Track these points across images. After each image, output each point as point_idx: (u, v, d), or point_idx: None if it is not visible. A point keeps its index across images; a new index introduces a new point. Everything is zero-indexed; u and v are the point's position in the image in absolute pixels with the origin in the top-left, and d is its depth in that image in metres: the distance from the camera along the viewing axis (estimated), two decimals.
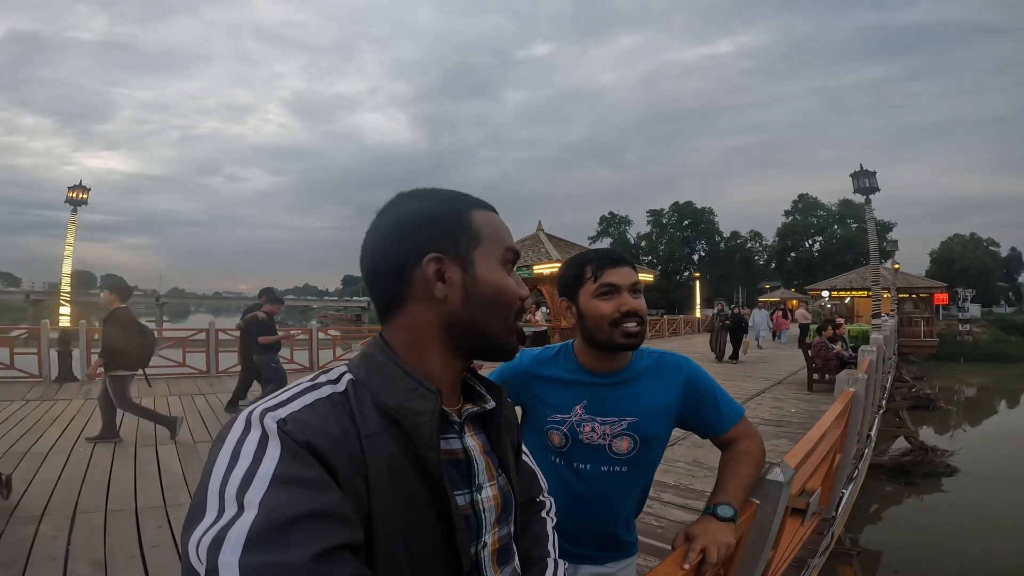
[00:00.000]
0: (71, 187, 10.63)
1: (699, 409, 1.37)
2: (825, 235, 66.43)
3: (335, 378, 0.66)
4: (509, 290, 0.72)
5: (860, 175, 13.16)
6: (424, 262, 0.68)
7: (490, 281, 0.71)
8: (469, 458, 0.71)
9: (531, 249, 14.90)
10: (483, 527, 0.70)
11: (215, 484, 0.51)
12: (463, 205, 0.73)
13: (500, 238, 0.74)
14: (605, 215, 76.88)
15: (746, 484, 1.29)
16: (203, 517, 0.50)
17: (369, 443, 0.59)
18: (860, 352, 6.44)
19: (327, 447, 0.55)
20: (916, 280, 26.82)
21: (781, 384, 9.58)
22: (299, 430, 0.55)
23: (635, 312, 1.28)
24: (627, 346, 1.30)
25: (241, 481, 0.51)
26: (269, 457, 0.52)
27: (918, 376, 19.44)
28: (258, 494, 0.49)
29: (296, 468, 0.52)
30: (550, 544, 0.90)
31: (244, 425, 0.56)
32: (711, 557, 1.10)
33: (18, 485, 3.92)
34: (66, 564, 2.81)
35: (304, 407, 0.59)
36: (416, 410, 0.63)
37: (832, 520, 3.36)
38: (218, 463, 0.53)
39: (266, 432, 0.54)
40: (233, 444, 0.54)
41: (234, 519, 0.48)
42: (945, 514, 8.19)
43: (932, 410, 15.26)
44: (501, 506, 0.74)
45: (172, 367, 10.25)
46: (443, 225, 0.70)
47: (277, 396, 0.61)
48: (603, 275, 1.30)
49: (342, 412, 0.60)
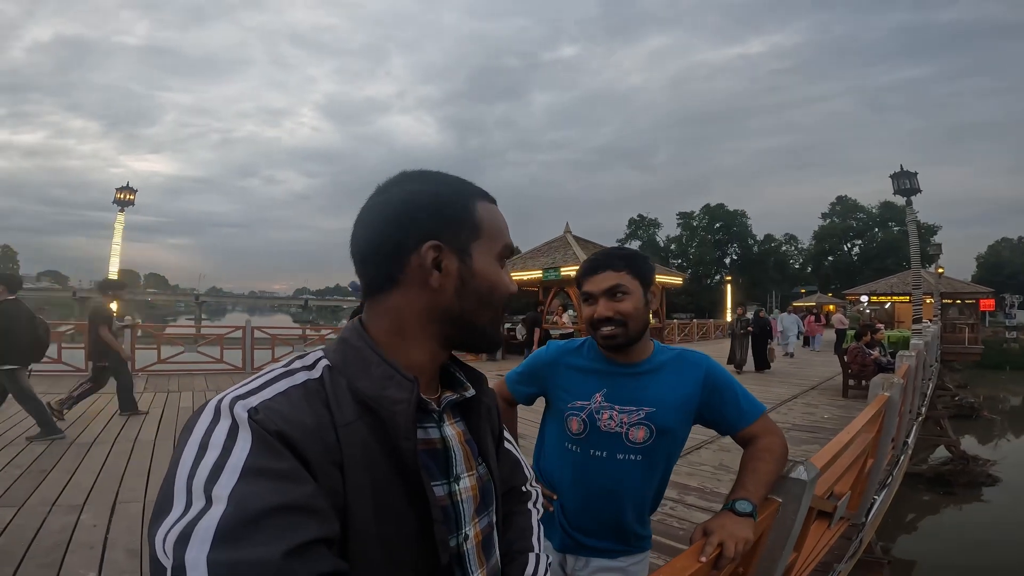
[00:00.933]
0: (119, 188, 11.06)
1: (719, 405, 1.38)
2: (865, 238, 64.61)
3: (310, 364, 0.64)
4: (502, 285, 0.72)
5: (901, 176, 12.73)
6: (423, 249, 0.66)
7: (486, 275, 0.70)
8: (447, 447, 0.69)
9: (559, 251, 14.86)
10: (462, 518, 0.69)
11: (182, 476, 0.49)
12: (468, 195, 0.71)
13: (500, 233, 0.73)
14: (634, 217, 76.26)
15: (766, 481, 1.29)
16: (170, 510, 0.48)
17: (345, 432, 0.57)
18: (898, 358, 6.25)
19: (300, 437, 0.53)
20: (961, 285, 25.83)
21: (815, 390, 9.34)
22: (271, 419, 0.52)
23: (606, 318, 1.35)
24: (607, 347, 1.39)
25: (209, 473, 0.48)
26: (239, 448, 0.50)
27: (961, 384, 18.75)
28: (227, 487, 0.47)
29: (267, 459, 0.50)
30: (534, 537, 0.87)
31: (213, 414, 0.54)
32: (728, 552, 1.11)
33: (63, 475, 4.11)
34: (104, 552, 2.90)
35: (277, 395, 0.56)
36: (392, 398, 0.61)
37: (862, 526, 3.28)
38: (185, 454, 0.51)
39: (236, 422, 0.52)
40: (201, 434, 0.52)
41: (202, 513, 0.46)
42: (983, 525, 7.89)
43: (975, 419, 14.72)
44: (480, 496, 0.72)
45: (210, 363, 10.62)
46: (447, 213, 0.68)
47: (248, 383, 0.58)
48: (584, 284, 1.40)
49: (316, 400, 0.58)
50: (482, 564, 0.72)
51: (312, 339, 13.28)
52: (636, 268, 1.37)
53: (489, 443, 0.77)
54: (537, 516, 0.93)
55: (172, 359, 10.40)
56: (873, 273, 45.71)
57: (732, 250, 71.80)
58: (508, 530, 0.84)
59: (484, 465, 0.75)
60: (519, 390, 1.54)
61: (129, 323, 8.23)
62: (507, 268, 0.76)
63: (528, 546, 0.85)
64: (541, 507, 0.96)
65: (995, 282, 43.20)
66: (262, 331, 11.33)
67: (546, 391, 1.50)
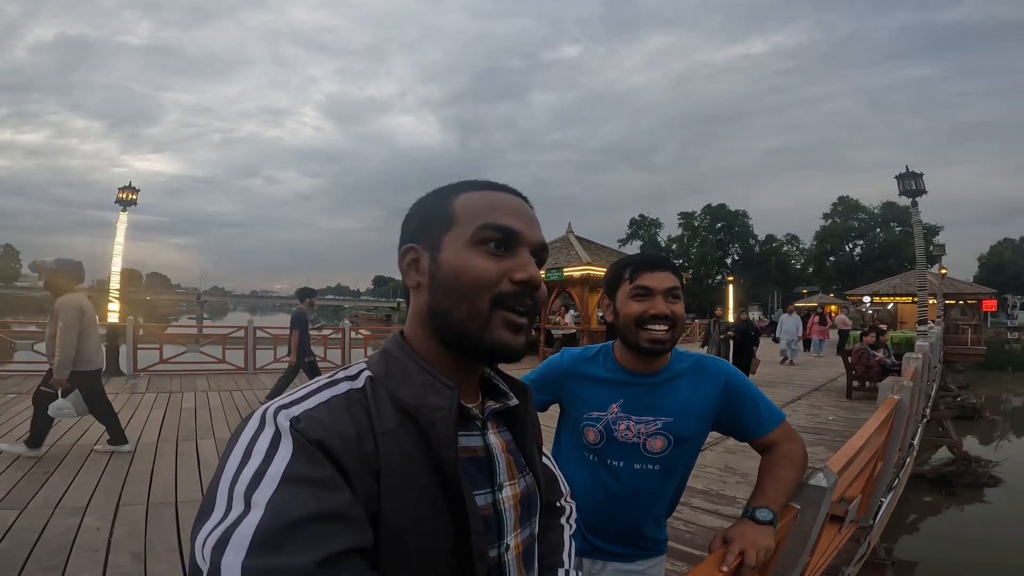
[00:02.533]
0: (121, 188, 11.00)
1: (738, 413, 1.36)
2: (867, 239, 64.52)
3: (354, 374, 0.65)
4: (470, 271, 0.64)
5: (906, 177, 12.70)
6: (399, 254, 0.70)
7: (450, 263, 0.65)
8: (490, 456, 0.68)
9: (560, 251, 14.83)
10: (504, 528, 0.67)
11: (225, 482, 0.51)
12: (448, 191, 0.70)
13: (475, 215, 0.66)
14: (635, 217, 76.18)
15: (787, 488, 1.27)
16: (211, 515, 0.49)
17: (384, 440, 0.57)
18: (905, 359, 6.23)
19: (339, 446, 0.54)
20: (963, 286, 25.73)
21: (818, 391, 9.33)
22: (311, 428, 0.54)
23: (664, 316, 1.28)
24: (651, 351, 1.30)
25: (251, 480, 0.50)
26: (280, 456, 0.51)
27: (964, 385, 18.65)
28: (266, 494, 0.48)
29: (306, 468, 0.51)
30: (565, 553, 0.86)
31: (259, 423, 0.55)
32: (750, 560, 1.09)
33: (65, 477, 4.09)
34: (107, 556, 2.88)
35: (319, 404, 0.57)
36: (433, 406, 0.61)
37: (869, 529, 3.26)
38: (230, 460, 0.52)
39: (279, 430, 0.53)
40: (247, 442, 0.53)
41: (240, 519, 0.47)
42: (985, 525, 7.87)
43: (977, 420, 14.67)
44: (524, 506, 0.71)
45: (212, 363, 10.62)
46: (422, 215, 0.70)
47: (293, 393, 0.60)
48: (639, 278, 1.32)
49: (358, 409, 0.59)
50: (523, 574, 0.71)
51: (314, 339, 13.24)
52: (682, 279, 1.37)
53: (534, 453, 0.76)
54: (569, 532, 0.91)
55: (174, 359, 10.39)
56: (875, 274, 45.66)
57: (734, 250, 71.74)
58: (540, 544, 0.83)
59: (531, 475, 0.74)
60: (534, 397, 1.51)
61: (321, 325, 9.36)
62: (517, 255, 0.67)
63: (558, 561, 0.84)
64: (575, 523, 0.95)
65: (997, 283, 43.13)
66: (264, 331, 11.30)
67: (561, 399, 1.47)
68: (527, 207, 0.72)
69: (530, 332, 0.69)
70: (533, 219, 0.71)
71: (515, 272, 0.65)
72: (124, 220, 11.02)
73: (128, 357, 9.75)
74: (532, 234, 0.69)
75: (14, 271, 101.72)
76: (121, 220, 11.00)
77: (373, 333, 14.60)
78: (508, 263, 0.66)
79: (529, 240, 0.68)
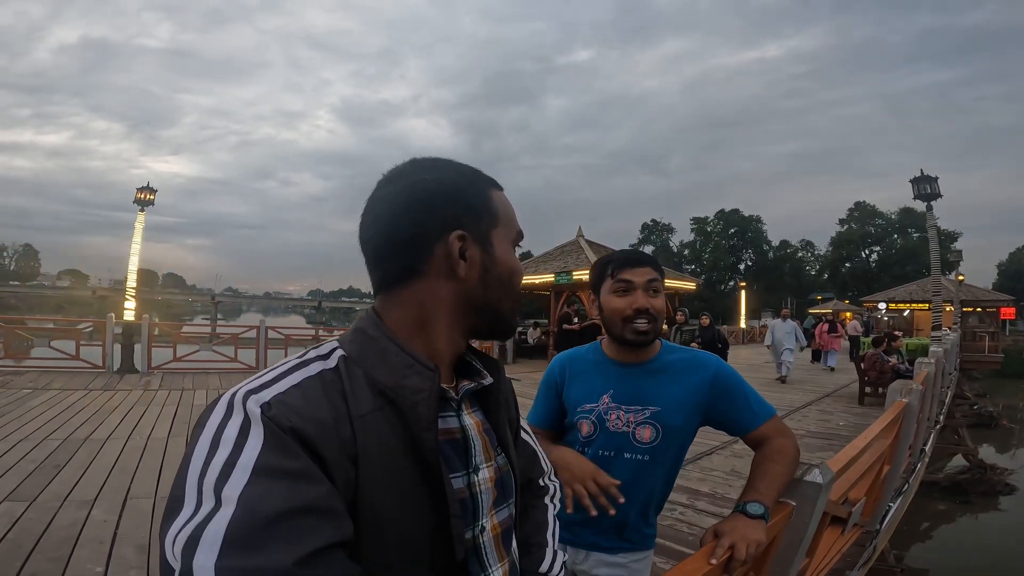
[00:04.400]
0: (139, 188, 11.21)
1: (728, 406, 1.37)
2: (883, 245, 63.57)
3: (325, 353, 0.62)
4: (520, 271, 0.74)
5: (921, 180, 12.53)
6: (451, 239, 0.64)
7: (506, 262, 0.70)
8: (467, 437, 0.67)
9: (571, 255, 14.79)
10: (480, 510, 0.66)
11: (193, 475, 0.48)
12: (484, 183, 0.71)
13: (512, 219, 0.74)
14: (647, 222, 75.82)
15: (778, 483, 1.26)
16: (180, 510, 0.46)
17: (361, 423, 0.55)
18: (917, 364, 6.15)
19: (315, 433, 0.51)
20: (981, 293, 25.42)
21: (830, 397, 9.20)
22: (284, 415, 0.51)
23: (645, 310, 1.33)
24: (636, 343, 1.36)
25: (220, 472, 0.47)
26: (251, 446, 0.48)
27: (981, 393, 18.37)
28: (237, 487, 0.46)
29: (280, 458, 0.48)
30: (549, 532, 0.85)
31: (226, 409, 0.52)
32: (739, 554, 1.08)
33: (76, 471, 4.15)
34: (112, 547, 2.92)
35: (291, 387, 0.54)
36: (413, 388, 0.59)
37: (876, 533, 3.21)
38: (197, 451, 0.49)
39: (248, 417, 0.50)
40: (214, 430, 0.50)
41: (211, 515, 0.45)
42: (999, 534, 7.75)
43: (994, 428, 14.43)
44: (499, 488, 0.70)
45: (224, 362, 10.75)
46: (467, 202, 0.67)
47: (262, 375, 0.57)
48: (621, 273, 1.37)
49: (333, 391, 0.56)
50: (502, 558, 0.70)
51: (325, 340, 13.33)
52: (662, 273, 1.41)
53: (507, 433, 0.75)
54: (554, 511, 0.90)
55: (187, 357, 10.52)
56: (891, 280, 45.04)
57: (747, 256, 71.08)
58: (524, 523, 0.82)
59: (503, 455, 0.73)
60: (544, 415, 1.50)
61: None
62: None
63: (543, 541, 0.83)
64: (559, 502, 0.94)
65: (1017, 290, 42.33)
66: (276, 331, 11.44)
67: (561, 392, 1.50)
68: None
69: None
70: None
71: (522, 272, 0.76)
72: (141, 220, 11.21)
73: (143, 355, 9.89)
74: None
75: (33, 270, 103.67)
76: (139, 221, 11.19)
77: None
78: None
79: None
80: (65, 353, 9.64)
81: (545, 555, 0.81)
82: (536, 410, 1.51)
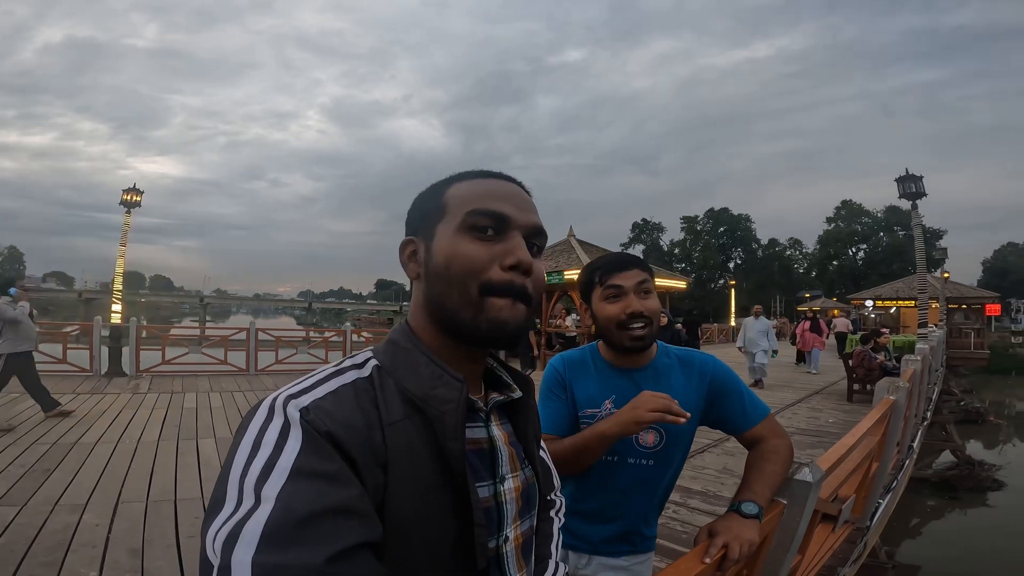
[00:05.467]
0: (125, 189, 11.08)
1: (724, 406, 1.37)
2: (870, 243, 64.31)
3: (360, 362, 0.64)
4: (459, 257, 0.64)
5: (906, 179, 12.64)
6: (400, 247, 0.71)
7: (440, 250, 0.65)
8: (494, 448, 0.68)
9: (562, 255, 14.82)
10: (504, 520, 0.67)
11: (236, 474, 0.50)
12: (447, 182, 0.71)
13: (465, 201, 0.66)
14: (638, 221, 76.12)
15: (773, 482, 1.27)
16: (222, 508, 0.48)
17: (391, 431, 0.57)
18: (903, 361, 6.22)
19: (349, 438, 0.53)
20: (967, 290, 25.74)
21: (819, 394, 9.29)
22: (321, 419, 0.53)
23: (640, 313, 1.30)
24: (634, 348, 1.33)
25: (260, 472, 0.49)
26: (289, 448, 0.50)
27: (967, 389, 18.54)
28: (276, 487, 0.48)
29: (316, 460, 0.50)
30: (553, 545, 0.86)
31: (267, 412, 0.54)
32: (733, 553, 1.09)
33: (66, 475, 4.11)
34: (105, 552, 2.90)
35: (327, 394, 0.57)
36: (441, 398, 0.61)
37: (866, 530, 3.25)
38: (239, 452, 0.52)
39: (288, 420, 0.53)
40: (255, 432, 0.53)
41: (250, 513, 0.46)
42: (989, 530, 7.82)
43: (981, 424, 14.56)
44: (524, 499, 0.71)
45: (214, 364, 10.65)
46: (422, 206, 0.70)
47: (301, 382, 0.59)
48: (609, 278, 1.34)
49: (365, 398, 0.59)
50: (521, 568, 0.70)
51: (316, 341, 13.33)
52: (651, 273, 1.38)
53: (534, 446, 0.76)
54: (559, 524, 0.91)
55: (176, 360, 10.43)
56: (878, 278, 45.54)
57: (736, 254, 71.61)
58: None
59: (529, 467, 0.74)
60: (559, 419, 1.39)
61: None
62: (508, 240, 0.65)
63: (547, 552, 0.83)
64: (563, 516, 0.95)
65: (1001, 287, 42.99)
66: (266, 333, 11.37)
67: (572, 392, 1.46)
68: (521, 192, 0.71)
69: (530, 320, 0.68)
70: (527, 203, 0.70)
71: (505, 257, 0.64)
72: (128, 222, 11.08)
73: (131, 357, 9.80)
74: (524, 218, 0.67)
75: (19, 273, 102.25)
76: (125, 222, 11.06)
77: (375, 336, 14.63)
78: (498, 248, 0.64)
79: (521, 224, 0.67)
80: (51, 357, 9.51)
81: (548, 567, 0.82)
82: (548, 416, 1.37)
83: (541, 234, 0.70)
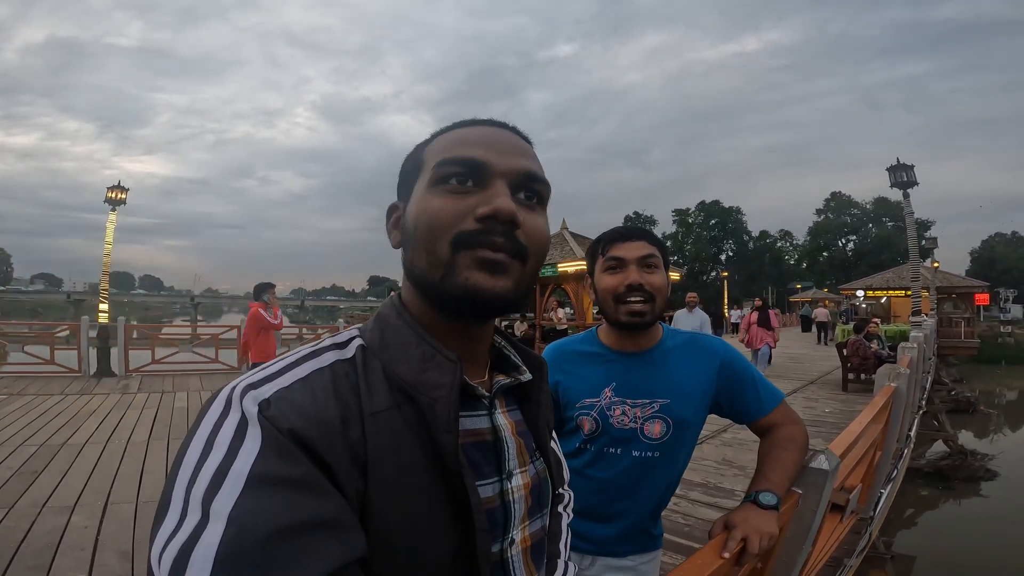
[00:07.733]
0: (110, 187, 10.94)
1: (737, 393, 1.30)
2: (859, 234, 64.74)
3: (342, 342, 0.56)
4: (425, 213, 0.55)
5: (897, 169, 12.72)
6: (386, 214, 0.65)
7: (410, 211, 0.58)
8: (498, 439, 0.59)
9: (555, 248, 14.75)
10: (511, 521, 0.59)
11: (182, 481, 0.42)
12: (424, 143, 0.63)
13: (437, 151, 0.59)
14: (630, 215, 76.21)
15: (790, 472, 1.22)
16: (164, 519, 0.41)
17: (372, 422, 0.49)
18: (900, 349, 6.23)
19: (318, 435, 0.45)
20: (956, 279, 25.87)
21: (814, 384, 9.32)
22: (283, 414, 0.44)
23: (639, 286, 1.22)
24: (631, 325, 1.25)
25: (211, 481, 0.41)
26: (246, 450, 0.42)
27: (958, 379, 18.71)
28: (228, 502, 0.39)
29: (277, 465, 0.42)
30: (562, 543, 0.78)
31: (223, 406, 0.46)
32: (752, 547, 1.04)
33: (54, 477, 4.03)
34: (94, 554, 2.85)
35: (296, 382, 0.48)
36: (432, 383, 0.52)
37: (870, 520, 3.23)
38: (189, 453, 0.44)
39: (245, 416, 0.44)
40: (208, 431, 0.44)
41: (198, 531, 0.39)
42: (983, 520, 7.89)
43: (972, 414, 14.70)
44: (534, 496, 0.62)
45: (205, 363, 10.54)
46: (404, 168, 0.63)
47: (268, 367, 0.50)
48: (611, 249, 1.27)
49: (344, 385, 0.50)
50: (533, 571, 0.62)
51: (308, 339, 13.23)
52: (662, 248, 1.29)
53: (547, 436, 0.67)
54: (567, 520, 0.83)
55: (167, 359, 10.31)
56: (868, 268, 45.81)
57: (728, 246, 71.86)
58: None
59: (541, 460, 0.66)
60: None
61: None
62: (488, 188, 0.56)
63: (556, 551, 0.76)
64: (572, 511, 0.87)
65: (989, 277, 43.29)
66: None
67: (556, 391, 1.37)
68: (506, 135, 0.61)
69: (522, 285, 0.57)
70: (512, 147, 0.60)
71: (479, 206, 0.54)
72: (113, 220, 10.93)
73: (120, 357, 9.67)
74: (505, 163, 0.57)
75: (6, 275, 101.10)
76: (110, 220, 10.90)
77: None
78: (474, 199, 0.55)
79: (501, 170, 0.56)
80: (39, 358, 9.43)
81: (557, 566, 0.74)
82: None
83: (535, 180, 0.59)
